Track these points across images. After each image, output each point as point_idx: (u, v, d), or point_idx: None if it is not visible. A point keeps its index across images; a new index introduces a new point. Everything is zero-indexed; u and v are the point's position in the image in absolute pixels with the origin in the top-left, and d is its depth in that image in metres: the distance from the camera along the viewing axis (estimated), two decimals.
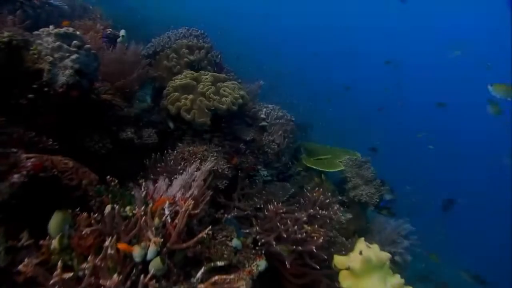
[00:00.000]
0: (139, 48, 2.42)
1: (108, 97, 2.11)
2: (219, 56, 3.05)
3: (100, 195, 1.29)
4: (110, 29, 2.41)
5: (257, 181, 2.59)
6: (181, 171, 1.80)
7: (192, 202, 1.26)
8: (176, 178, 1.72)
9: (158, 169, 1.87)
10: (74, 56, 1.52)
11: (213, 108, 2.34)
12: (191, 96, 2.35)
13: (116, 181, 1.34)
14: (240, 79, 3.45)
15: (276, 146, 2.78)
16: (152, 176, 1.88)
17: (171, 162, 1.97)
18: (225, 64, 3.40)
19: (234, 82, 2.64)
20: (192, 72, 2.66)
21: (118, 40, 2.32)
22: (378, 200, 2.77)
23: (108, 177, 1.34)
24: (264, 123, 2.80)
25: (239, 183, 2.47)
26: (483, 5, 16.35)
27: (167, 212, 1.30)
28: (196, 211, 1.31)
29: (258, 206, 2.24)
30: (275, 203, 1.82)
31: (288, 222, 1.59)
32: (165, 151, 2.10)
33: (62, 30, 1.48)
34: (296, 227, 1.55)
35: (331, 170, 2.86)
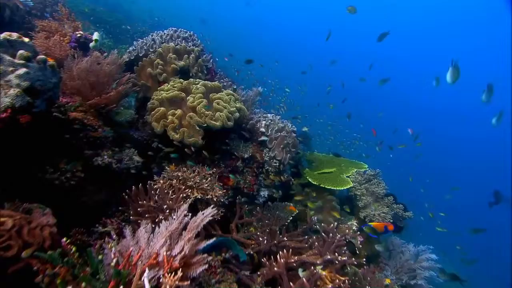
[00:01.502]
0: (119, 57, 2.05)
1: (79, 115, 1.74)
2: (210, 61, 2.70)
3: (53, 264, 0.94)
4: (81, 32, 2.02)
5: (257, 207, 2.26)
6: (167, 211, 1.45)
7: (180, 274, 0.92)
8: (162, 220, 1.38)
9: (139, 208, 1.51)
10: (21, 71, 1.15)
11: (205, 125, 1.99)
12: (179, 112, 1.99)
13: (74, 249, 0.98)
14: (234, 83, 3.12)
15: (277, 164, 2.46)
16: (132, 217, 1.53)
17: (156, 195, 1.62)
18: (218, 68, 3.06)
19: (229, 92, 2.30)
20: (181, 80, 2.31)
21: (91, 45, 1.94)
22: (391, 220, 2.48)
23: (65, 240, 0.98)
24: (264, 138, 2.47)
25: (237, 210, 2.14)
26: (483, 4, 16.31)
27: (147, 285, 0.96)
28: (186, 283, 0.98)
29: (260, 239, 1.92)
30: (285, 251, 1.49)
31: (304, 281, 1.26)
32: (149, 182, 1.74)
33: (1, 36, 1.12)
34: None
35: (339, 188, 2.55)
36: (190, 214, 1.34)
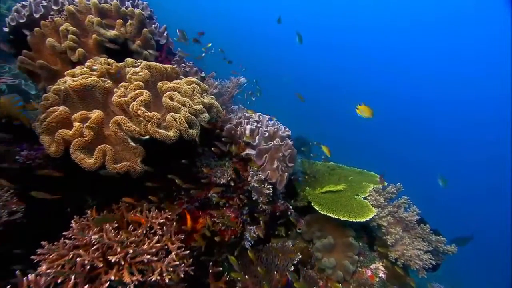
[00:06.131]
0: None
1: None
2: (164, 34, 1.76)
3: None
4: None
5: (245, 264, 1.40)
6: None
7: None
8: None
9: None
10: None
11: (147, 137, 1.08)
12: (95, 114, 1.06)
13: None
14: (203, 70, 2.19)
15: (270, 190, 1.61)
16: None
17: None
18: (176, 47, 2.10)
19: (191, 80, 1.40)
20: (109, 60, 1.36)
21: None
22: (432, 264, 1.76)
23: None
24: (249, 152, 1.61)
25: (210, 274, 1.27)
26: (483, 4, 16.48)
27: None
28: None
29: None
30: None
31: None
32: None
33: None
34: None
35: (359, 220, 1.77)
36: None
